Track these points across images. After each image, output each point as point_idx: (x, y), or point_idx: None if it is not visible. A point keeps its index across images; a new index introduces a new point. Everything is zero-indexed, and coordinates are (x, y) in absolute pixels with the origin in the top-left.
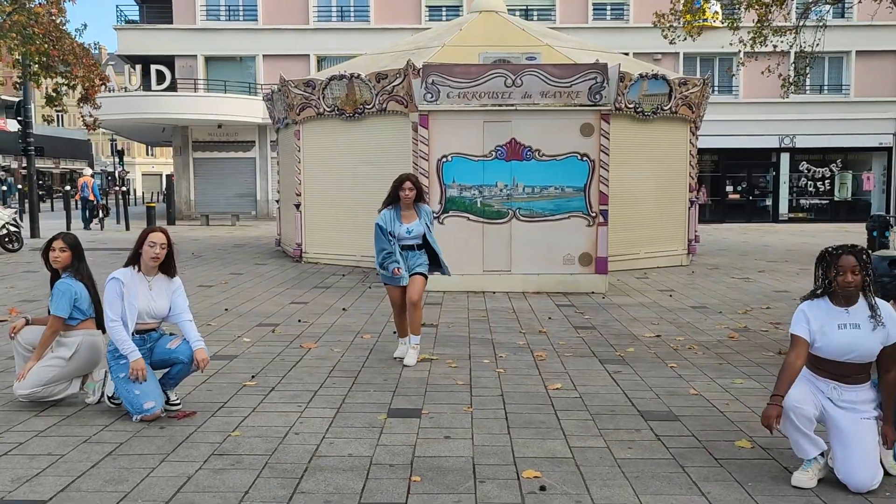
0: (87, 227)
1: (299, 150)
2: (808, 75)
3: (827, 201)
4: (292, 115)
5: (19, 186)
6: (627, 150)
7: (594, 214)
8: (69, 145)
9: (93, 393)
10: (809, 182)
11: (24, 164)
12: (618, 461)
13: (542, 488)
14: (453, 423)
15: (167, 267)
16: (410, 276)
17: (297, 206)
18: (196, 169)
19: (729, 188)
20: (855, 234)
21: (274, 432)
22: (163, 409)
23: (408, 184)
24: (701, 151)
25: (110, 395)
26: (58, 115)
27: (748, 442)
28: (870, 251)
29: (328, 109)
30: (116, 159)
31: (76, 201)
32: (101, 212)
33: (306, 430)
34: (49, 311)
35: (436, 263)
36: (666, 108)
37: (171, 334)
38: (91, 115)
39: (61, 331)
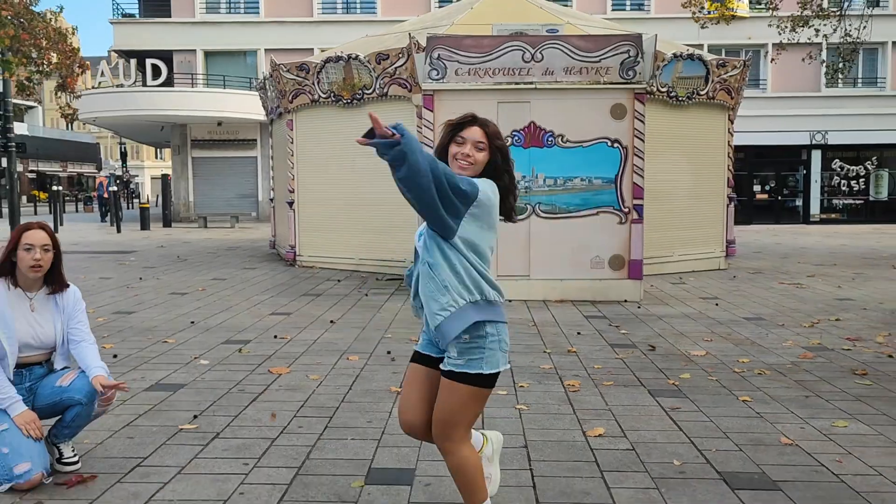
0: (102, 219)
1: (292, 142)
2: (854, 61)
3: (861, 201)
4: (284, 104)
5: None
6: (660, 140)
7: (627, 210)
8: (77, 148)
9: None
10: (843, 181)
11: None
12: None
13: None
14: (457, 496)
15: (54, 277)
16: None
17: (291, 204)
18: (195, 169)
19: (756, 188)
20: (893, 235)
21: None
22: (46, 473)
23: (475, 131)
24: None
25: None
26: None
27: None
28: None
29: (324, 95)
30: (119, 162)
31: (93, 198)
32: (105, 206)
33: None
34: None
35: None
36: (702, 92)
37: (63, 368)
38: (69, 106)
39: None
